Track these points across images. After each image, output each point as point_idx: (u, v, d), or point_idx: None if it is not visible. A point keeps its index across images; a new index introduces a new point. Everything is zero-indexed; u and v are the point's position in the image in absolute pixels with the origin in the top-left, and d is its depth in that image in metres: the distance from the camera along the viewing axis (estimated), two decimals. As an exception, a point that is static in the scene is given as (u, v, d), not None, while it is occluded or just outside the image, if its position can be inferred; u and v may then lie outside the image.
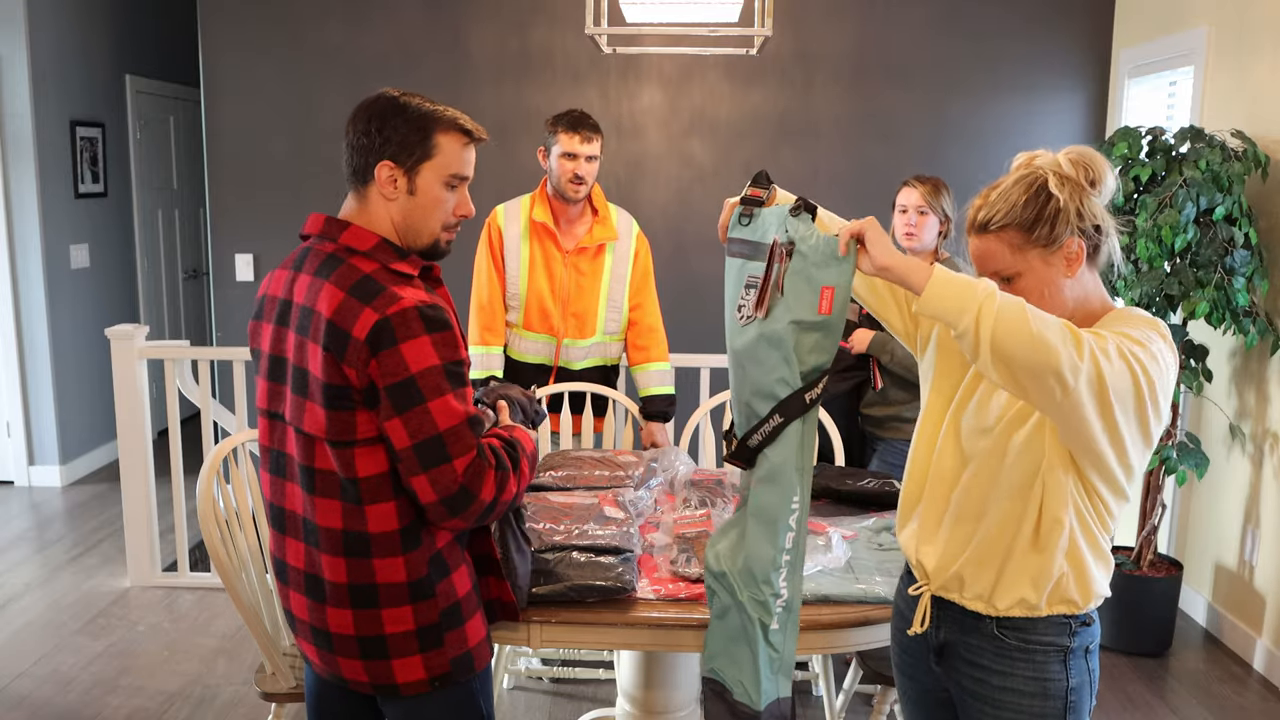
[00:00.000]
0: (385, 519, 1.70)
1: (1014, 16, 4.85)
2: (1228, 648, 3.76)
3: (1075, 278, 1.65)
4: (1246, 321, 3.43)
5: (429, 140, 1.72)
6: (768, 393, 1.79)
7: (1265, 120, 3.59)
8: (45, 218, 5.38)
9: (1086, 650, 1.69)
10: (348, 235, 1.72)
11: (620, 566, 2.04)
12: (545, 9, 4.87)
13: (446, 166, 1.74)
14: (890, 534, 2.38)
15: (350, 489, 1.69)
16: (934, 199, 3.15)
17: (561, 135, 3.10)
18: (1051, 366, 1.44)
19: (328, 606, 1.75)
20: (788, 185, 4.95)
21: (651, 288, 3.36)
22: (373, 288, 1.64)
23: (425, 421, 1.63)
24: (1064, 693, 1.67)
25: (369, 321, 1.61)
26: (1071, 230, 1.62)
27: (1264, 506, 3.62)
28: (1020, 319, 1.45)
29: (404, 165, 1.72)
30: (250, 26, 4.94)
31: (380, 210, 1.74)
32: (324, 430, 1.67)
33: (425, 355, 1.62)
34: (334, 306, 1.64)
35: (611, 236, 3.25)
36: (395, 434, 1.64)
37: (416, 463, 1.64)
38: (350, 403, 1.64)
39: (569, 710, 3.30)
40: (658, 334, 3.38)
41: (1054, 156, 1.68)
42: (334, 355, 1.62)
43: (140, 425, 4.05)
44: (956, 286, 1.49)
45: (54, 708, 3.26)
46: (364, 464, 1.67)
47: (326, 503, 1.71)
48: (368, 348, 1.60)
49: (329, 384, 1.64)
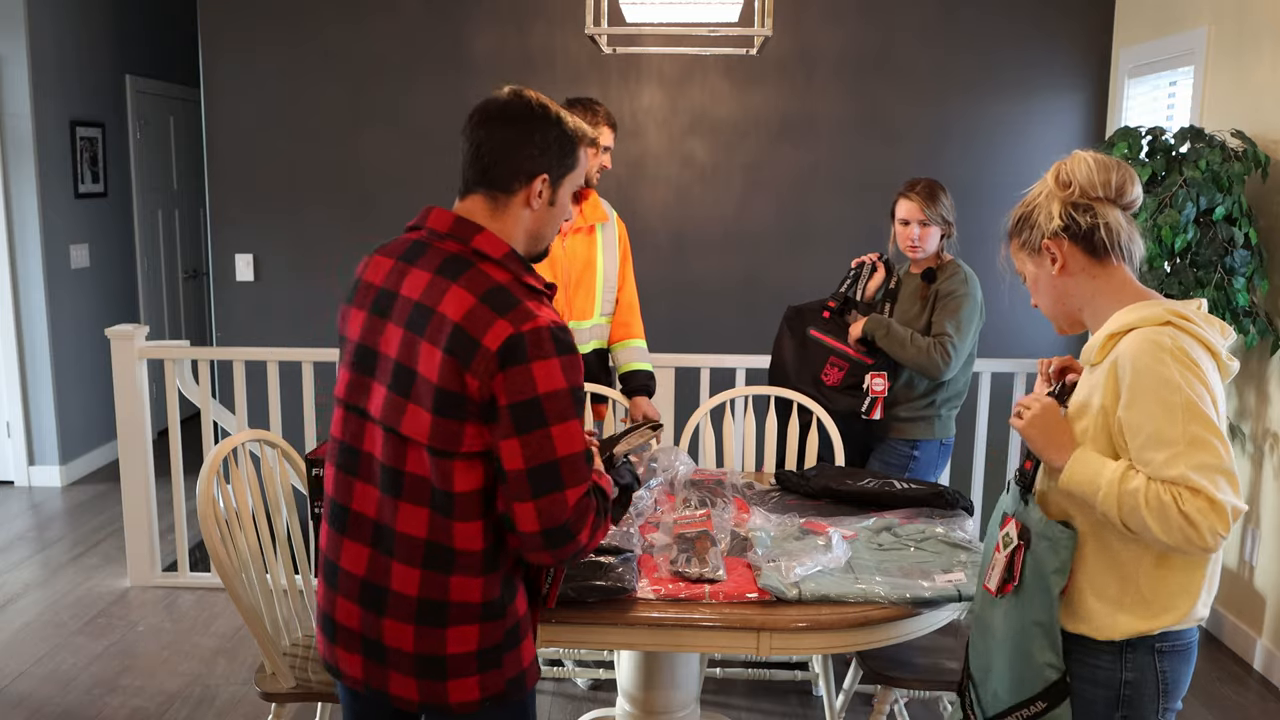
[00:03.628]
0: (472, 537, 1.64)
1: (1014, 16, 4.85)
2: (1227, 647, 3.76)
3: (1073, 278, 1.71)
4: (1246, 321, 3.43)
5: (575, 154, 1.73)
6: (1029, 673, 1.74)
7: (1265, 120, 3.59)
8: (45, 218, 5.38)
9: (1155, 649, 1.67)
10: (481, 240, 1.66)
11: (620, 566, 2.04)
12: (545, 9, 4.87)
13: (579, 179, 1.76)
14: (890, 534, 2.38)
15: (442, 500, 1.62)
16: (932, 209, 3.15)
17: (604, 129, 3.25)
18: (1187, 545, 1.56)
19: (386, 619, 1.67)
20: (788, 184, 4.99)
21: (631, 272, 3.47)
22: (508, 300, 1.59)
23: (546, 446, 1.57)
24: (1116, 684, 1.67)
25: (502, 334, 1.56)
26: (1045, 233, 1.71)
27: (1264, 506, 3.62)
28: (1137, 520, 1.57)
29: (554, 178, 1.71)
30: (250, 26, 4.93)
31: (519, 219, 1.71)
32: (427, 436, 1.60)
33: (554, 377, 1.57)
34: (464, 311, 1.58)
35: (602, 218, 3.35)
36: (509, 454, 1.58)
37: (527, 487, 1.58)
38: (463, 413, 1.58)
39: (569, 710, 3.30)
40: (637, 311, 3.48)
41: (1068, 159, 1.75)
42: (458, 361, 1.56)
43: (140, 425, 4.05)
44: (1082, 473, 1.63)
45: (54, 708, 3.26)
46: (462, 478, 1.61)
47: (412, 509, 1.64)
48: (498, 360, 1.55)
49: (444, 389, 1.58)
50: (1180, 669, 1.70)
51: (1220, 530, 1.53)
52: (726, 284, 5.06)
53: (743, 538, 2.30)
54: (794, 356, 3.34)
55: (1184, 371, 1.57)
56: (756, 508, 2.50)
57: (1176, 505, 1.53)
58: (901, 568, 2.18)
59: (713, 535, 2.23)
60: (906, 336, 3.15)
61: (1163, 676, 1.68)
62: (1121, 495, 1.57)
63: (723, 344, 4.57)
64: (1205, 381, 1.58)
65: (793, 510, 2.53)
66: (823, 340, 3.30)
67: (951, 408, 3.30)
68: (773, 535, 2.34)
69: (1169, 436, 1.55)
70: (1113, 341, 1.65)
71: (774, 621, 2.00)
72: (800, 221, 5.01)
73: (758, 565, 2.16)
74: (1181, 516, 1.53)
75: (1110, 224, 1.69)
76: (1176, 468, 1.55)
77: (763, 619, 2.01)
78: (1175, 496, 1.53)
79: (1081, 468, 1.63)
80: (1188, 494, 1.53)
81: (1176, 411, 1.55)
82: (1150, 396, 1.57)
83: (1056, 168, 1.74)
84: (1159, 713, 1.70)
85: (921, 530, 2.39)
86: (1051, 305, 1.78)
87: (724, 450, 3.34)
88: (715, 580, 2.10)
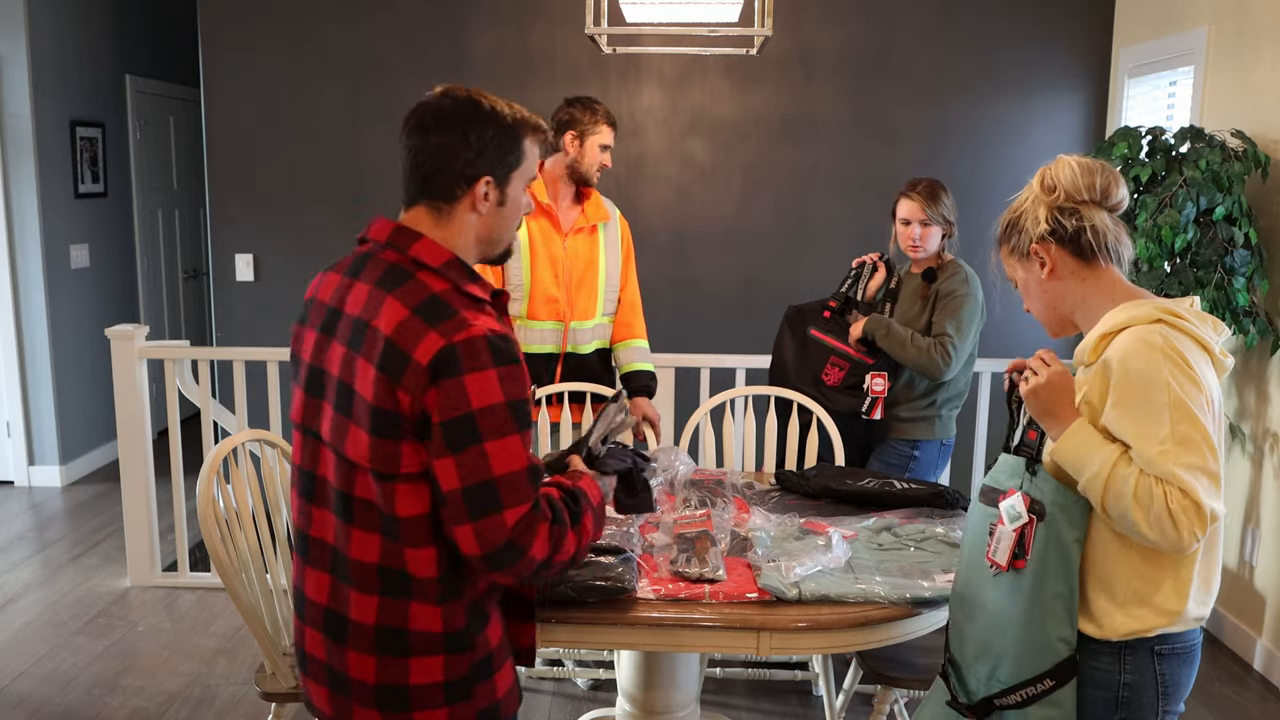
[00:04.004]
0: (425, 564, 1.54)
1: (1014, 16, 4.85)
2: (1227, 648, 3.76)
3: (1063, 281, 1.74)
4: (1246, 321, 3.43)
5: (519, 147, 1.62)
6: (1038, 650, 1.71)
7: (1265, 120, 3.59)
8: (45, 218, 5.38)
9: (1154, 651, 1.67)
10: (420, 248, 1.56)
11: (620, 566, 2.04)
12: (545, 9, 4.87)
13: (530, 171, 1.65)
14: (890, 534, 2.38)
15: (390, 525, 1.53)
16: (933, 209, 3.15)
17: (604, 127, 3.25)
18: (1162, 540, 1.57)
19: (349, 650, 1.58)
20: (788, 184, 4.99)
21: (634, 271, 3.48)
22: (442, 310, 1.50)
23: (481, 464, 1.47)
24: (1114, 685, 1.67)
25: (433, 346, 1.46)
26: (1032, 238, 1.74)
27: (1264, 506, 3.62)
28: (1121, 506, 1.57)
29: (499, 177, 1.60)
30: (250, 26, 4.94)
31: (466, 226, 1.61)
32: (368, 458, 1.52)
33: (490, 390, 1.47)
34: (395, 324, 1.49)
35: (604, 217, 3.36)
36: (444, 474, 1.48)
37: (464, 509, 1.48)
38: (398, 431, 1.49)
39: (569, 710, 3.30)
40: (639, 310, 3.49)
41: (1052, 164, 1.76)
42: (389, 377, 1.48)
43: (140, 425, 4.05)
44: (1076, 449, 1.63)
45: (54, 708, 3.26)
46: (405, 502, 1.52)
47: (364, 535, 1.55)
48: (428, 374, 1.46)
49: (378, 408, 1.50)
50: (1180, 672, 1.70)
51: (1199, 533, 1.55)
52: (726, 284, 5.06)
53: (743, 538, 2.30)
54: (794, 356, 3.34)
55: (1174, 370, 1.57)
56: (756, 508, 2.49)
57: (1165, 501, 1.54)
58: (901, 568, 2.18)
59: (713, 535, 2.23)
60: (907, 337, 3.15)
61: (1162, 679, 1.68)
62: (1112, 478, 1.57)
63: (723, 344, 4.57)
64: (1197, 380, 1.58)
65: (793, 510, 2.53)
66: (823, 340, 3.30)
67: (952, 408, 3.30)
68: (773, 535, 2.34)
69: (1158, 435, 1.56)
70: (1105, 341, 1.66)
71: (774, 621, 2.00)
72: (800, 221, 5.01)
73: (758, 565, 2.16)
74: (1166, 513, 1.54)
75: (1097, 226, 1.70)
76: (1165, 466, 1.55)
77: (763, 619, 2.01)
78: (1165, 492, 1.55)
79: (1077, 442, 1.62)
80: (1177, 493, 1.55)
81: (1165, 411, 1.56)
82: (1139, 396, 1.58)
83: (1041, 173, 1.76)
84: (1158, 715, 1.69)
85: (921, 530, 2.39)
86: (1043, 309, 1.79)
87: (724, 450, 3.34)
88: (715, 580, 2.10)
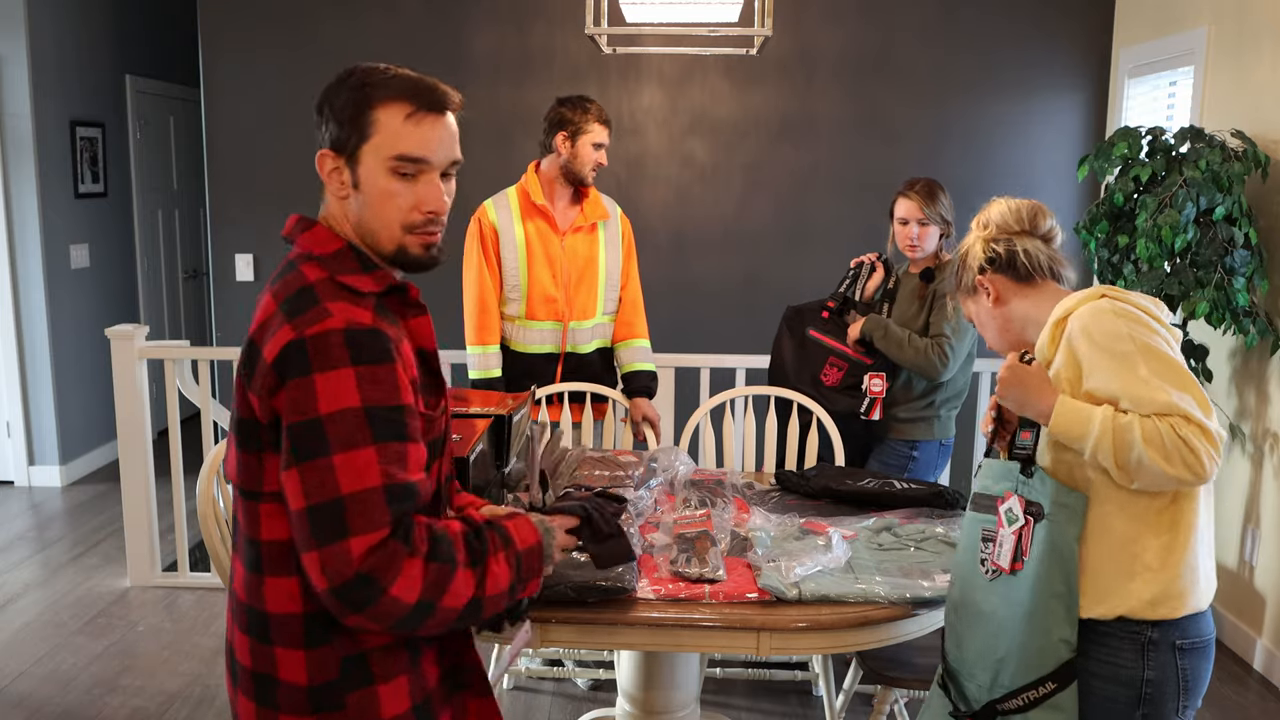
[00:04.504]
0: (287, 598, 1.34)
1: (1014, 16, 4.85)
2: (1227, 648, 3.76)
3: (1009, 305, 1.87)
4: (1246, 321, 3.43)
5: (365, 115, 1.37)
6: (1041, 651, 1.72)
7: (1265, 120, 3.59)
8: (45, 218, 5.38)
9: (1175, 646, 1.69)
10: (308, 238, 1.41)
11: (620, 566, 2.04)
12: (545, 9, 4.87)
13: (389, 146, 1.37)
14: (890, 534, 2.38)
15: (251, 552, 1.36)
16: (931, 208, 3.15)
17: (595, 126, 3.22)
18: (1187, 473, 1.58)
19: (239, 692, 1.42)
20: (788, 184, 4.99)
21: (636, 269, 3.46)
22: (304, 302, 1.32)
23: (327, 479, 1.25)
24: (1138, 682, 1.69)
25: (280, 341, 1.29)
26: (974, 271, 1.89)
27: (1264, 506, 3.62)
28: (1135, 455, 1.59)
29: (343, 152, 1.39)
30: (250, 26, 4.94)
31: (337, 210, 1.43)
32: (235, 475, 1.37)
33: (344, 393, 1.27)
34: (259, 321, 1.35)
35: (603, 215, 3.34)
36: (291, 489, 1.28)
37: (308, 532, 1.26)
38: (257, 442, 1.33)
39: (569, 710, 3.30)
40: (641, 309, 3.47)
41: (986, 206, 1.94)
42: (243, 380, 1.34)
43: (140, 425, 4.05)
44: (1070, 419, 1.66)
45: (54, 708, 3.26)
46: (267, 524, 1.34)
47: (237, 565, 1.41)
48: (275, 374, 1.29)
49: (239, 416, 1.36)
50: (1200, 666, 1.73)
51: (1215, 455, 1.57)
52: (726, 284, 5.06)
53: (743, 538, 2.30)
54: (793, 357, 3.34)
55: (1130, 324, 1.66)
56: (756, 508, 2.49)
57: (1174, 431, 1.57)
58: (901, 568, 2.18)
59: (713, 535, 2.23)
60: (904, 337, 3.15)
61: (1183, 674, 1.70)
62: (1116, 430, 1.60)
63: (723, 344, 4.57)
64: (1153, 329, 1.66)
65: (793, 510, 2.53)
66: (822, 340, 3.30)
67: (951, 408, 3.30)
68: (773, 535, 2.34)
69: (1139, 376, 1.62)
70: (1059, 328, 1.74)
71: (774, 621, 2.00)
72: (800, 221, 5.01)
73: (758, 565, 2.16)
74: (1180, 441, 1.56)
75: (1029, 249, 1.85)
76: (1158, 399, 1.59)
77: (763, 619, 2.01)
78: (1171, 424, 1.57)
79: (1068, 411, 1.66)
80: (1180, 420, 1.58)
81: (1135, 356, 1.63)
82: (1108, 354, 1.65)
83: (977, 216, 1.93)
84: (1179, 711, 1.72)
85: (921, 530, 2.39)
86: (997, 336, 1.91)
87: (724, 450, 3.34)
88: (715, 580, 2.10)
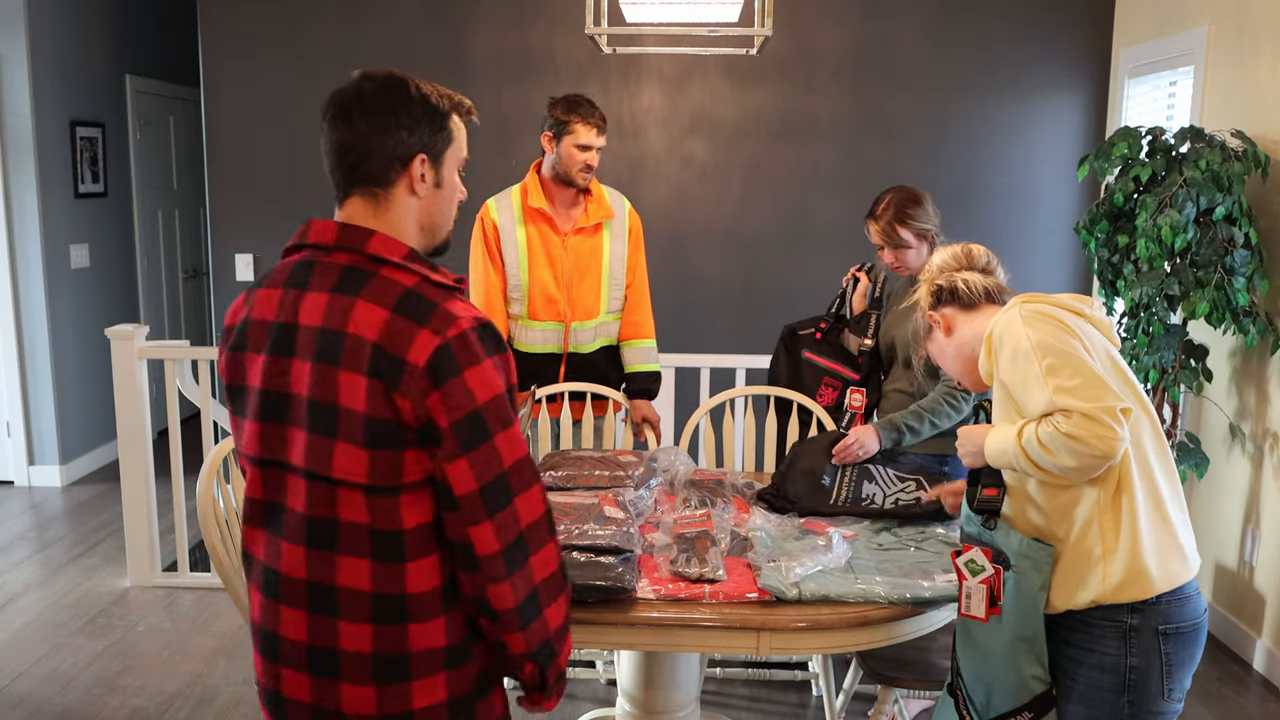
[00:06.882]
0: (428, 575, 1.47)
1: (1014, 16, 4.85)
2: (1228, 648, 3.76)
3: (959, 331, 1.99)
4: (1246, 321, 3.43)
5: (448, 125, 1.55)
6: (1016, 687, 1.84)
7: (1265, 120, 3.59)
8: (45, 218, 5.38)
9: (1158, 631, 1.73)
10: (375, 243, 1.48)
11: (620, 566, 2.04)
12: (545, 9, 4.87)
13: (461, 150, 1.59)
14: (890, 534, 2.38)
15: (387, 544, 1.45)
16: (898, 233, 2.92)
17: (579, 127, 3.13)
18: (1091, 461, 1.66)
19: (343, 683, 1.48)
20: (788, 184, 4.99)
21: (643, 263, 3.41)
22: (423, 305, 1.42)
23: (492, 459, 1.42)
24: (1122, 670, 1.74)
25: (428, 346, 1.39)
26: (924, 311, 2.05)
27: (1264, 506, 3.62)
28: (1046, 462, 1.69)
29: (433, 156, 1.54)
30: (250, 26, 4.94)
31: (406, 211, 1.54)
32: (365, 474, 1.42)
33: (491, 382, 1.42)
34: (379, 327, 1.40)
35: (608, 215, 3.30)
36: (459, 477, 1.41)
37: (482, 508, 1.41)
38: (400, 441, 1.41)
39: (569, 710, 3.30)
40: (647, 305, 3.43)
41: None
42: (385, 384, 1.39)
43: (140, 425, 4.05)
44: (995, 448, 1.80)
45: (54, 708, 3.26)
46: (410, 513, 1.44)
47: (354, 563, 1.46)
48: (428, 378, 1.39)
49: (376, 418, 1.40)
50: (1184, 652, 1.75)
51: (1106, 434, 1.62)
52: (726, 284, 5.06)
53: (743, 538, 2.30)
54: (789, 377, 3.34)
55: (1030, 320, 1.75)
56: (756, 508, 2.50)
57: (1056, 430, 1.64)
58: (901, 568, 2.18)
59: (713, 535, 2.23)
60: (922, 416, 2.83)
61: (1167, 660, 1.74)
62: (1023, 448, 1.70)
63: (723, 344, 4.57)
64: (1053, 318, 1.75)
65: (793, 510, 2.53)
66: (816, 362, 3.29)
67: None
68: (773, 535, 2.34)
69: (1029, 378, 1.71)
70: (990, 340, 1.84)
71: (774, 621, 2.00)
72: (800, 222, 5.01)
73: (758, 565, 2.16)
74: (1065, 437, 1.64)
75: (969, 280, 1.98)
76: (1037, 401, 1.69)
77: (763, 619, 2.01)
78: (1054, 426, 1.65)
79: (993, 442, 1.80)
80: (1061, 417, 1.65)
81: (1029, 356, 1.71)
82: (1009, 359, 1.75)
83: (922, 274, 2.09)
84: (1165, 694, 1.75)
85: (921, 530, 2.39)
86: (956, 363, 2.01)
87: (724, 450, 3.34)
88: (715, 580, 2.10)
